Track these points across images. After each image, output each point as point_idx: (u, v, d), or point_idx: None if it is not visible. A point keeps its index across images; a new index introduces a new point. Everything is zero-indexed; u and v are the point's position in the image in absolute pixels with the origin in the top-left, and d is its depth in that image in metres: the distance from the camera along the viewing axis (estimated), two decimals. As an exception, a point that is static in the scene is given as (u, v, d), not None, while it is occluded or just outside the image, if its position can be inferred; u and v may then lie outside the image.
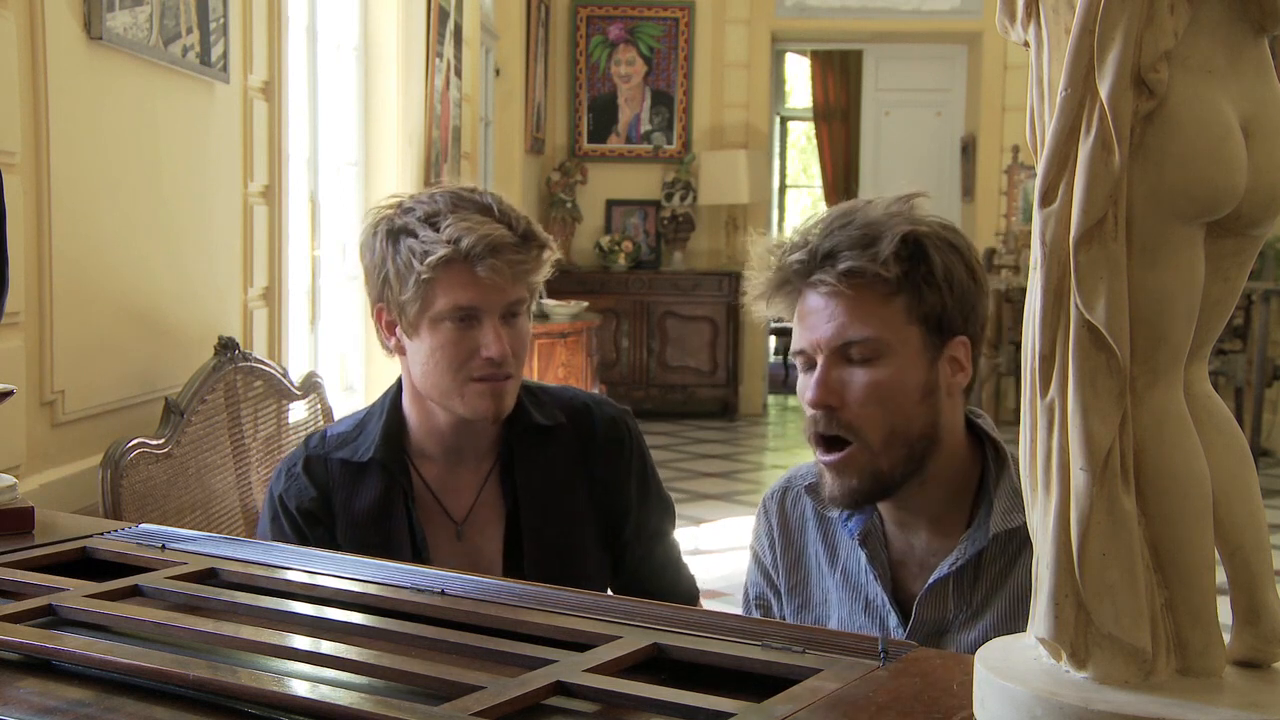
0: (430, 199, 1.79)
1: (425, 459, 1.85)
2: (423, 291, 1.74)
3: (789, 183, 13.53)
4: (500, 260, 1.73)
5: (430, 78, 5.33)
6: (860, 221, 1.53)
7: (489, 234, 1.73)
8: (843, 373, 1.52)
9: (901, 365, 1.51)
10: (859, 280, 1.50)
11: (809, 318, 1.54)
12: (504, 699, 0.96)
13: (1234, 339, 7.11)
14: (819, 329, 1.52)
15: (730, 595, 4.66)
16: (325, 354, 4.43)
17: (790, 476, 1.74)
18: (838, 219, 1.55)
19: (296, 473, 1.85)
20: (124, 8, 2.72)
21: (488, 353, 1.76)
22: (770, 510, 1.73)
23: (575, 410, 1.89)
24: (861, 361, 1.51)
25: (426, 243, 1.73)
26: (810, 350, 1.54)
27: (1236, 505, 0.86)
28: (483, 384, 1.77)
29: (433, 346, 1.77)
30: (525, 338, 1.83)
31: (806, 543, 1.69)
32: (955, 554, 1.55)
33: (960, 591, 1.55)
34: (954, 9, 8.80)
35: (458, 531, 1.83)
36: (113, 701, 1.00)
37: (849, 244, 1.51)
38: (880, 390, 1.51)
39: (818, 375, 1.53)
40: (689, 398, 8.77)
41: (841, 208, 1.58)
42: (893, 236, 1.50)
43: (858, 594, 1.62)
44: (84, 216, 2.65)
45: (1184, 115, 0.80)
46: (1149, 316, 0.82)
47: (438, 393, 1.80)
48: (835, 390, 1.51)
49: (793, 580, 1.70)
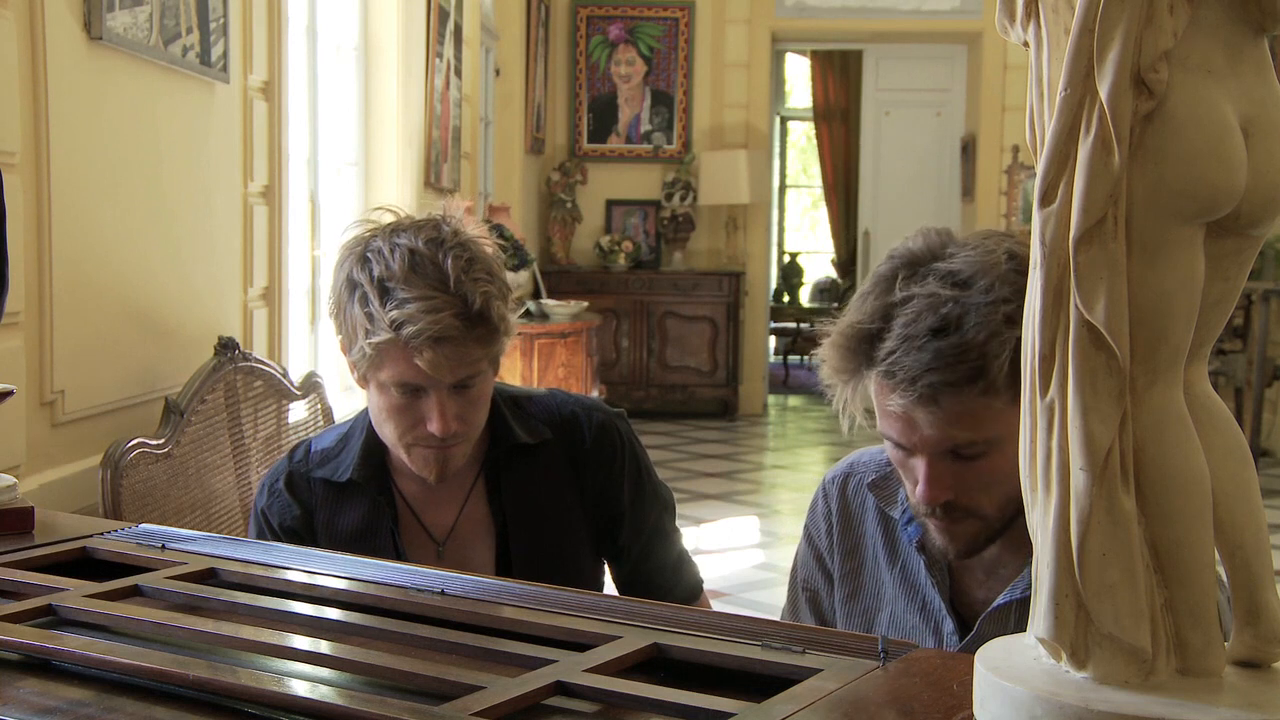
0: (392, 252, 1.67)
1: (405, 476, 1.83)
2: (370, 358, 1.69)
3: (789, 183, 13.54)
4: (440, 352, 1.64)
5: (430, 78, 5.33)
6: (947, 340, 1.36)
7: (432, 326, 1.62)
8: (952, 467, 1.43)
9: (1009, 447, 1.42)
10: (969, 410, 1.39)
11: (905, 419, 1.42)
12: (504, 699, 0.96)
13: (1234, 339, 7.11)
14: (921, 433, 1.41)
15: (730, 595, 4.66)
16: (325, 354, 4.43)
17: (853, 462, 1.70)
18: (920, 332, 1.37)
19: (279, 489, 1.83)
20: (124, 8, 2.72)
21: (429, 427, 1.70)
22: (831, 494, 1.69)
23: (563, 420, 1.86)
24: (969, 457, 1.43)
25: (373, 317, 1.65)
26: (911, 448, 1.44)
27: (1236, 505, 0.86)
28: (427, 451, 1.73)
29: (380, 406, 1.73)
30: (479, 402, 1.75)
31: (865, 532, 1.66)
32: (1026, 577, 1.49)
33: (1023, 615, 1.52)
34: (954, 9, 8.80)
35: (438, 551, 1.82)
36: (113, 701, 1.00)
37: (961, 379, 1.36)
38: (996, 476, 1.44)
39: (927, 475, 1.43)
40: (689, 398, 8.76)
41: (922, 309, 1.38)
42: (1001, 358, 1.36)
43: (914, 594, 1.59)
44: (84, 216, 2.65)
45: (1184, 115, 0.80)
46: (1149, 316, 0.82)
47: (389, 443, 1.77)
48: (948, 485, 1.44)
49: (847, 567, 1.67)
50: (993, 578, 1.56)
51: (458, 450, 1.75)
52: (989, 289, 1.38)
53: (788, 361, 11.78)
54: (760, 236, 9.24)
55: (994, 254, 1.41)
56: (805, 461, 7.74)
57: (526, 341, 6.15)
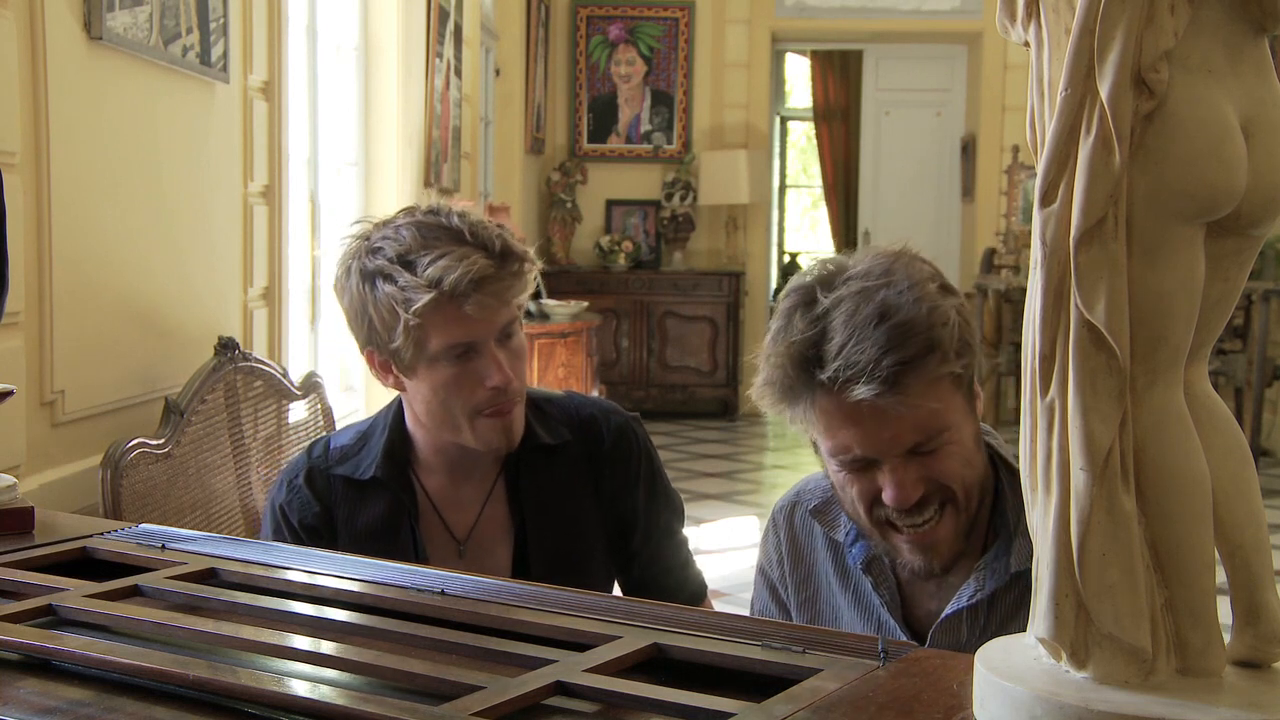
0: (397, 234, 1.71)
1: (429, 473, 1.83)
2: (414, 336, 1.69)
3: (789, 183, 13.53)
4: (485, 293, 1.68)
5: (430, 78, 5.34)
6: (894, 320, 1.39)
7: (470, 268, 1.66)
8: (916, 465, 1.46)
9: (962, 433, 1.48)
10: (930, 392, 1.42)
11: (861, 425, 1.43)
12: (504, 699, 0.96)
13: (1234, 339, 7.11)
14: (881, 439, 1.43)
15: (730, 595, 4.66)
16: (325, 354, 4.43)
17: (799, 491, 1.71)
18: (863, 321, 1.40)
19: (299, 485, 1.82)
20: (124, 8, 2.72)
21: (491, 383, 1.72)
22: (780, 525, 1.71)
23: (582, 422, 1.87)
24: (929, 451, 1.46)
25: (407, 289, 1.67)
26: (873, 455, 1.46)
27: (1236, 505, 0.86)
28: (492, 419, 1.75)
29: (434, 386, 1.73)
30: (523, 352, 1.79)
31: (817, 560, 1.68)
32: (973, 584, 1.52)
33: (975, 620, 1.54)
34: (954, 9, 8.80)
35: (459, 550, 1.82)
36: (113, 701, 1.00)
37: (913, 356, 1.39)
38: (956, 461, 1.47)
39: (896, 479, 1.45)
40: (689, 398, 8.76)
41: (857, 302, 1.41)
42: (948, 326, 1.41)
43: (869, 614, 1.61)
44: (84, 216, 2.65)
45: (1184, 115, 0.80)
46: (1149, 316, 0.82)
47: (446, 429, 1.77)
48: (917, 485, 1.46)
49: (802, 596, 1.68)
50: (943, 588, 1.57)
51: (518, 411, 1.78)
52: (909, 273, 1.43)
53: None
54: (760, 236, 9.24)
55: (893, 251, 1.47)
56: (805, 461, 7.73)
57: (527, 341, 6.15)
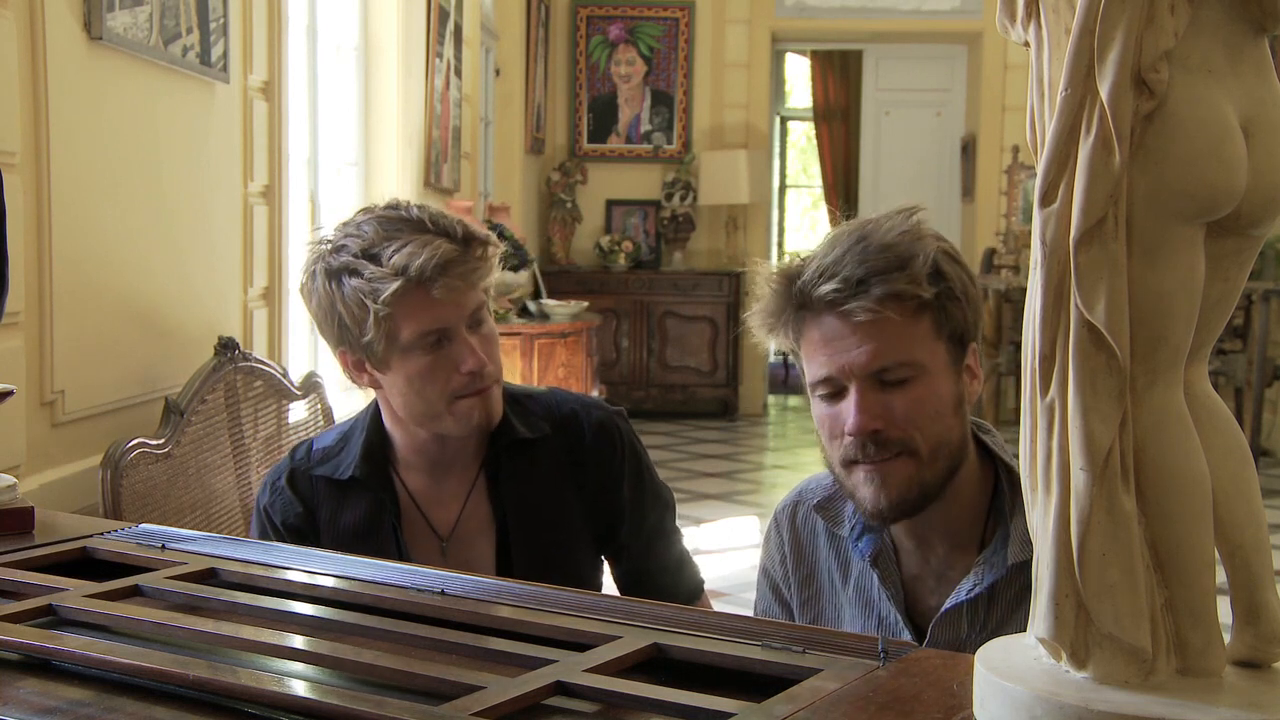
0: (358, 230, 1.73)
1: (410, 470, 1.84)
2: (385, 328, 1.70)
3: (789, 183, 13.53)
4: (452, 276, 1.69)
5: (430, 78, 5.34)
6: (878, 244, 1.48)
7: (435, 253, 1.68)
8: (880, 396, 1.48)
9: (935, 381, 1.50)
10: (894, 304, 1.47)
11: (832, 344, 1.49)
12: (504, 699, 0.96)
13: (1234, 339, 7.11)
14: (849, 355, 1.48)
15: (730, 595, 4.66)
16: (325, 354, 4.42)
17: (801, 491, 1.72)
18: (853, 243, 1.49)
19: (281, 486, 1.84)
20: (124, 8, 2.72)
21: (466, 367, 1.74)
22: (782, 525, 1.72)
23: (562, 417, 1.87)
24: (897, 383, 1.48)
25: (374, 279, 1.68)
26: (841, 377, 1.49)
27: (1236, 505, 0.86)
28: (469, 398, 1.76)
29: (409, 377, 1.75)
30: (495, 338, 1.80)
31: (819, 558, 1.68)
32: (972, 579, 1.53)
33: (975, 615, 1.54)
34: (954, 9, 8.80)
35: (442, 547, 1.83)
36: (113, 701, 1.00)
37: (883, 268, 1.46)
38: (924, 406, 1.49)
39: (857, 401, 1.48)
40: (689, 398, 8.76)
41: (849, 230, 1.52)
42: (925, 257, 1.47)
43: (870, 610, 1.62)
44: (84, 216, 2.65)
45: (1184, 115, 0.80)
46: (1149, 316, 0.82)
47: (425, 419, 1.78)
48: (879, 414, 1.48)
49: (805, 595, 1.69)
50: (943, 583, 1.58)
51: (495, 392, 1.79)
52: (904, 219, 1.53)
53: (788, 361, 11.76)
54: (760, 236, 9.24)
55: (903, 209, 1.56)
56: (805, 461, 7.73)
57: (526, 341, 6.15)
